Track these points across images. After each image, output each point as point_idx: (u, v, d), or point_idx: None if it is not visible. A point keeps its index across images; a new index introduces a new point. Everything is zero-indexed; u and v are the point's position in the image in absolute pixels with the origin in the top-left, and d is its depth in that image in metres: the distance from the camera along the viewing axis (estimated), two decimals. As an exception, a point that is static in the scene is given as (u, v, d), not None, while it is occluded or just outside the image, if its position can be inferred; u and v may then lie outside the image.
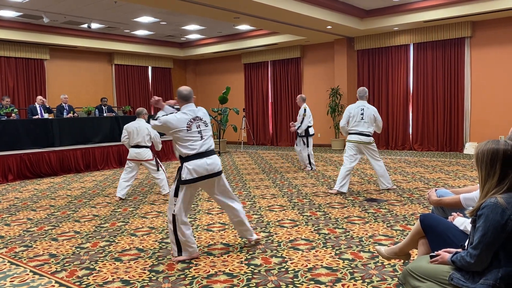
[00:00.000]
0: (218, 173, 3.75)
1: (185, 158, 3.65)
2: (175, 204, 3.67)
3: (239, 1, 8.40)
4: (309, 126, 8.70)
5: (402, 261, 3.30)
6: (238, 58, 15.69)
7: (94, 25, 11.98)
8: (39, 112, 10.24)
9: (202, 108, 3.86)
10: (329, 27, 11.05)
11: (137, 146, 6.52)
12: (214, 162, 3.69)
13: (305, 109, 8.67)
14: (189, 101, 3.75)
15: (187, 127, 3.64)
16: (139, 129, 6.53)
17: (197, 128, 3.67)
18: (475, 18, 10.52)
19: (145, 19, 11.50)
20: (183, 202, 3.68)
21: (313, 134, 8.84)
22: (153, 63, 15.83)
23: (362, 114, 6.38)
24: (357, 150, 6.45)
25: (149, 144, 6.60)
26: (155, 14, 10.99)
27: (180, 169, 3.69)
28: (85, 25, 11.80)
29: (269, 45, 13.91)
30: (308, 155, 8.78)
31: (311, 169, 8.81)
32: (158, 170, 6.63)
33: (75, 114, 10.77)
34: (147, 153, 6.54)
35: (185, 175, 3.62)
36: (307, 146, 8.76)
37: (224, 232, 4.54)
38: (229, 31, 13.54)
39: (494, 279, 2.05)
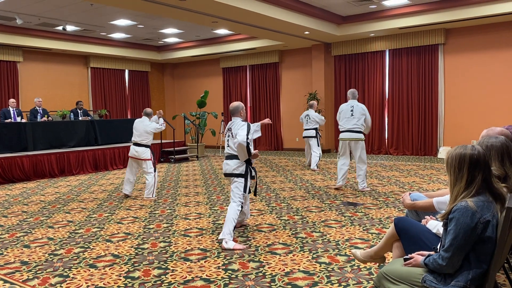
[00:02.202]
0: (230, 175, 4.45)
1: None
2: None
3: (216, 6, 8.40)
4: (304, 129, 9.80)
5: (378, 264, 3.35)
6: (216, 62, 15.67)
7: (70, 28, 11.78)
8: (12, 115, 10.00)
9: (240, 122, 4.50)
10: (306, 32, 11.15)
11: (136, 144, 6.61)
12: (229, 164, 4.44)
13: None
14: (234, 115, 4.59)
15: (224, 133, 4.66)
16: (138, 127, 6.61)
17: (227, 137, 4.52)
18: (448, 25, 10.80)
19: (122, 22, 11.37)
20: None
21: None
22: (130, 67, 15.65)
23: (352, 110, 6.75)
24: (345, 148, 6.81)
25: (147, 143, 6.63)
26: (132, 17, 10.88)
27: None
28: (60, 27, 11.59)
29: (248, 50, 13.95)
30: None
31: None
32: (154, 171, 6.70)
33: (49, 117, 10.54)
34: (145, 153, 6.60)
35: None
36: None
37: (201, 237, 4.52)
38: (207, 35, 13.52)
39: (465, 280, 2.10)
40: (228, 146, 4.49)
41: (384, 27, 11.05)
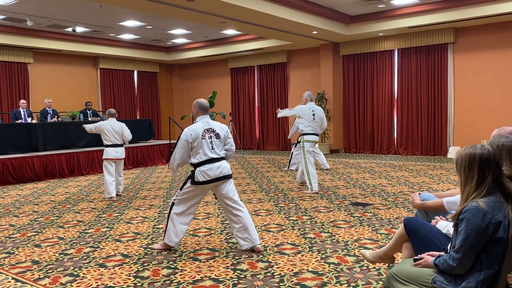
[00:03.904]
0: (229, 176, 4.06)
1: (197, 164, 3.97)
2: (177, 195, 4.10)
3: (224, 6, 8.41)
4: None
5: (387, 264, 3.33)
6: (224, 62, 15.70)
7: (79, 29, 11.88)
8: (23, 116, 10.10)
9: (221, 124, 4.16)
10: (314, 32, 11.13)
11: (115, 145, 6.79)
12: (223, 166, 4.01)
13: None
14: (206, 112, 4.13)
15: (202, 136, 3.97)
16: (114, 129, 6.80)
17: (209, 139, 3.99)
18: (458, 24, 10.71)
19: (131, 23, 11.43)
20: (185, 198, 4.06)
21: None
22: (138, 67, 15.73)
23: (313, 115, 6.93)
24: (312, 148, 7.04)
25: (122, 143, 6.96)
26: (141, 18, 10.94)
27: (193, 172, 3.99)
28: (70, 29, 11.69)
29: (256, 50, 13.95)
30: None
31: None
32: None
33: (59, 118, 10.64)
34: (123, 152, 6.96)
35: (198, 178, 3.94)
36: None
37: (210, 237, 4.53)
38: (216, 35, 13.55)
39: (476, 282, 2.08)
40: (214, 149, 3.98)
41: (393, 26, 10.99)
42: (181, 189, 4.08)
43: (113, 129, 6.77)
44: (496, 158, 2.17)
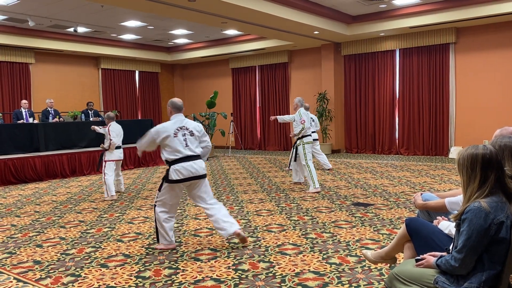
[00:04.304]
0: (203, 176, 4.17)
1: (172, 162, 4.06)
2: (157, 197, 4.19)
3: (226, 6, 8.42)
4: None
5: (389, 265, 3.33)
6: (225, 62, 15.70)
7: (81, 29, 11.89)
8: (24, 116, 10.11)
9: (194, 122, 4.30)
10: (316, 32, 11.12)
11: (119, 147, 7.11)
12: (198, 165, 4.10)
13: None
14: (180, 111, 4.26)
15: (174, 134, 4.07)
16: (120, 132, 7.11)
17: (183, 136, 4.10)
18: (459, 24, 10.70)
19: (132, 23, 11.44)
20: (166, 198, 4.14)
21: None
22: (140, 68, 15.75)
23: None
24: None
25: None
26: (142, 18, 10.95)
27: (167, 170, 4.09)
28: (71, 29, 11.70)
29: (257, 50, 13.96)
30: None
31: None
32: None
33: (60, 118, 10.65)
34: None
35: (172, 176, 4.03)
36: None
37: (211, 237, 4.53)
38: (217, 35, 13.55)
39: (478, 282, 2.08)
40: (188, 146, 4.06)
41: (394, 26, 10.98)
42: (159, 190, 4.17)
43: (119, 132, 7.03)
44: (498, 158, 2.16)
